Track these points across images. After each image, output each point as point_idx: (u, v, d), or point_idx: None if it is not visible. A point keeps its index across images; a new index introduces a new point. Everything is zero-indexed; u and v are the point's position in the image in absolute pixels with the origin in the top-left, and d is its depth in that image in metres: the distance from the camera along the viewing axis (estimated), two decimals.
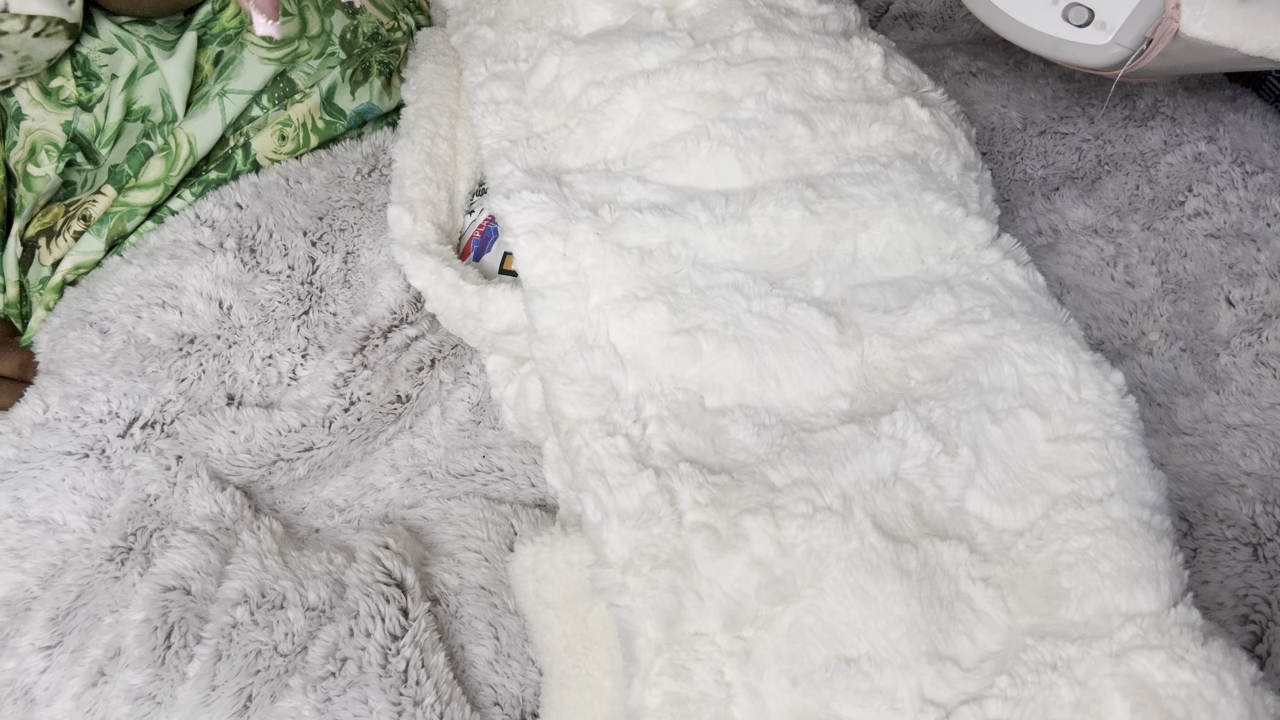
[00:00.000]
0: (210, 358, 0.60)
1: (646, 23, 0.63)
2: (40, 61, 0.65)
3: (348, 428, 0.59)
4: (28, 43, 0.62)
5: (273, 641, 0.50)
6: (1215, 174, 0.72)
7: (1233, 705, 0.38)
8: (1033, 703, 0.40)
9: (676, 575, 0.44)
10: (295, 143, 0.71)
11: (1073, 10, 0.60)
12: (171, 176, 0.66)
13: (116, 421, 0.58)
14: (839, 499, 0.45)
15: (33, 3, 0.60)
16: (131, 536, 0.55)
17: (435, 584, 0.54)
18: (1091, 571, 0.42)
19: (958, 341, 0.50)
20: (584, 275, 0.53)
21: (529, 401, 0.58)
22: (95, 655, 0.51)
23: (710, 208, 0.54)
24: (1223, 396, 0.60)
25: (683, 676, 0.42)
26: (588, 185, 0.56)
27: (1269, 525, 0.54)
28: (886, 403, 0.49)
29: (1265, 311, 0.64)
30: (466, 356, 0.63)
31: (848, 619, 0.42)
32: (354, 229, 0.67)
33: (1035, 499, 0.46)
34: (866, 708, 0.41)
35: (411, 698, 0.48)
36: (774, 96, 0.58)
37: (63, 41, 0.64)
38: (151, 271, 0.63)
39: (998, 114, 0.79)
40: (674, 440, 0.48)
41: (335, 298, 0.64)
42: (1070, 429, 0.47)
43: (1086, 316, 0.66)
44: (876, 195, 0.55)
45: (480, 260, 0.63)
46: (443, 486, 0.60)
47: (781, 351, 0.50)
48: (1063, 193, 0.73)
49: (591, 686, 0.49)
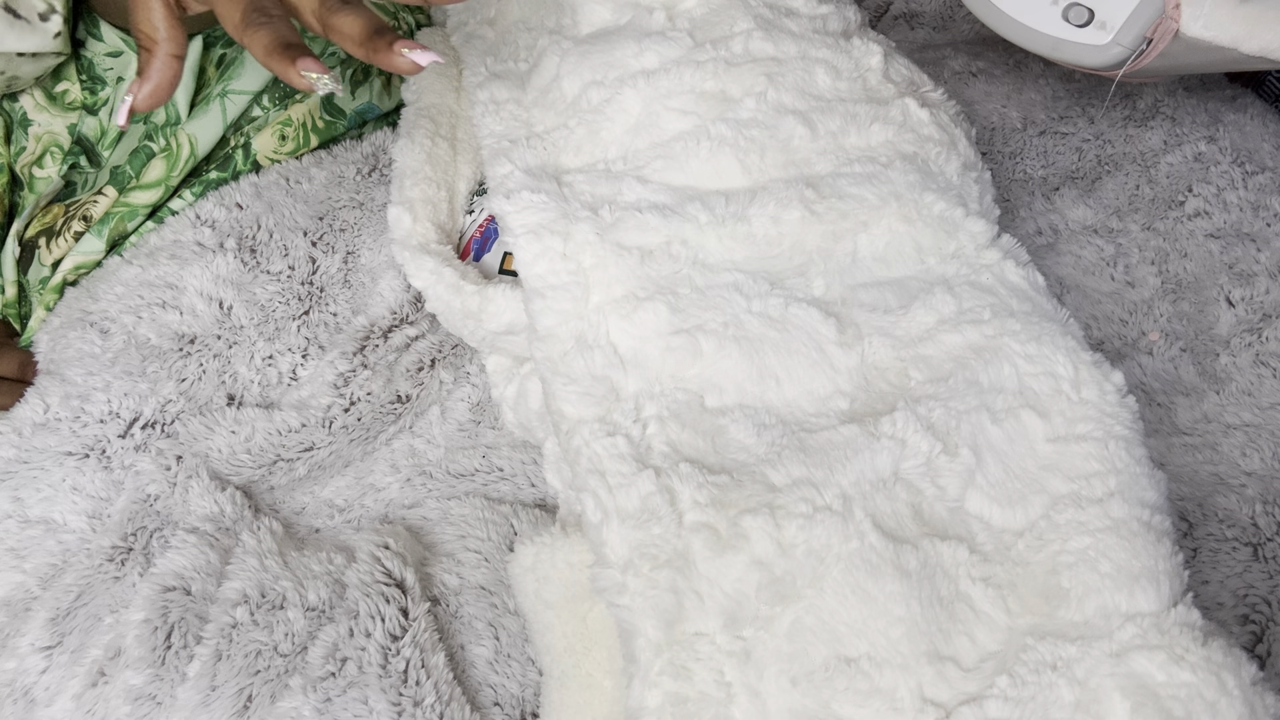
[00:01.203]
0: (210, 358, 0.60)
1: (646, 23, 0.63)
2: (28, 79, 0.64)
3: (348, 428, 0.59)
4: (13, 63, 0.61)
5: (273, 641, 0.50)
6: (1215, 174, 0.72)
7: (1233, 705, 0.38)
8: (1033, 703, 0.40)
9: (676, 575, 0.44)
10: (295, 143, 0.71)
11: (1073, 10, 0.60)
12: (173, 177, 0.66)
13: (117, 421, 0.58)
14: (839, 499, 0.45)
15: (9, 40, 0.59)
16: (131, 537, 0.55)
17: (435, 584, 0.54)
18: (1091, 571, 0.42)
19: (958, 341, 0.50)
20: (584, 275, 0.53)
21: (529, 401, 0.58)
22: (95, 655, 0.51)
23: (710, 208, 0.54)
24: (1223, 396, 0.60)
25: (683, 676, 0.42)
26: (588, 185, 0.56)
27: (1269, 525, 0.54)
28: (886, 403, 0.49)
29: (1265, 311, 0.64)
30: (466, 356, 0.63)
31: (848, 619, 0.42)
32: (354, 229, 0.67)
33: (1035, 499, 0.46)
34: (866, 708, 0.41)
35: (411, 698, 0.48)
36: (774, 96, 0.58)
37: (51, 60, 0.64)
38: (152, 271, 0.63)
39: (998, 114, 0.79)
40: (674, 440, 0.48)
41: (335, 298, 0.64)
42: (1070, 429, 0.47)
43: (1086, 316, 0.66)
44: (876, 195, 0.55)
45: (480, 260, 0.63)
46: (443, 486, 0.60)
47: (781, 351, 0.50)
48: (1063, 193, 0.73)
49: (591, 686, 0.49)
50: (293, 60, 0.45)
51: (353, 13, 0.47)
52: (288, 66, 0.45)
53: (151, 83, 0.47)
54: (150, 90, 0.47)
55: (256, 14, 0.46)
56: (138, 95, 0.47)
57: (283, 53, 0.45)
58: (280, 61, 0.45)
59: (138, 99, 0.48)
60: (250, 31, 0.46)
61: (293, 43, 0.46)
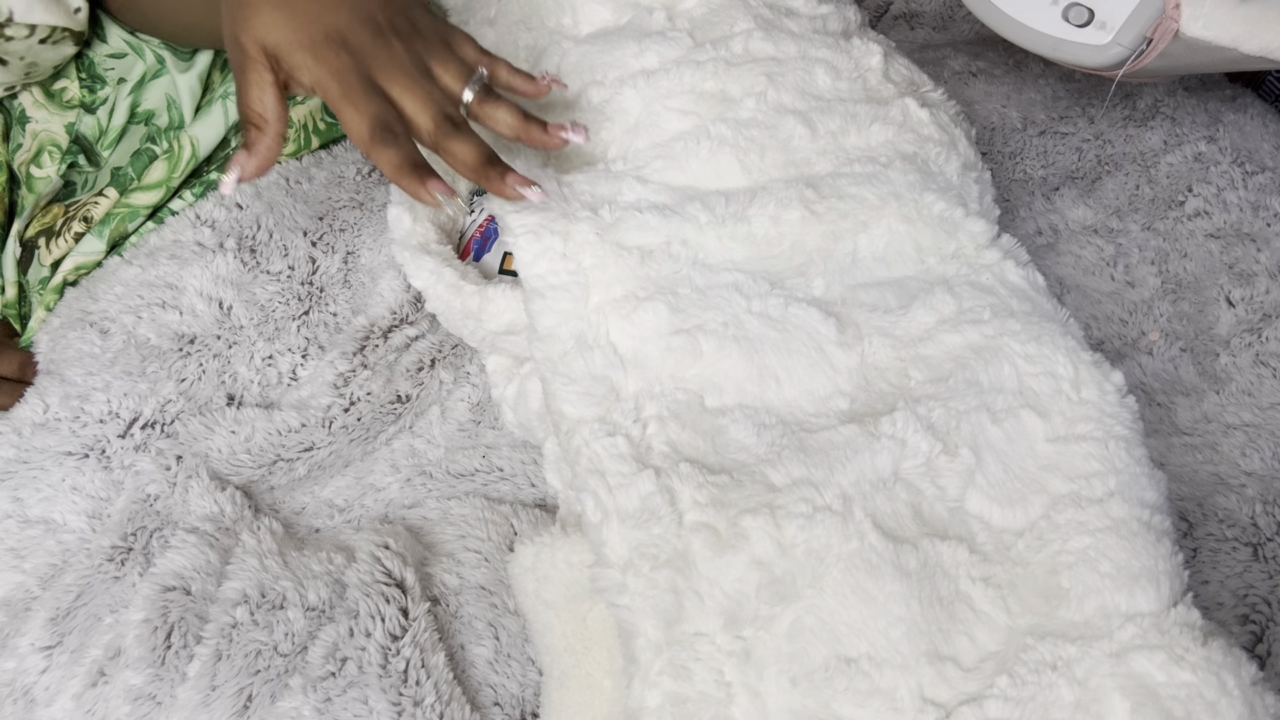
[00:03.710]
0: (210, 358, 0.60)
1: (646, 23, 0.63)
2: (47, 68, 0.65)
3: (348, 428, 0.59)
4: (34, 49, 0.62)
5: (273, 641, 0.50)
6: (1215, 174, 0.72)
7: (1233, 705, 0.38)
8: (1033, 703, 0.40)
9: (676, 575, 0.44)
10: (296, 144, 0.71)
11: (1073, 10, 0.60)
12: (174, 178, 0.66)
13: (116, 421, 0.58)
14: (839, 499, 0.45)
15: (37, 12, 0.60)
16: (131, 536, 0.55)
17: (435, 584, 0.54)
18: (1091, 571, 0.42)
19: (958, 341, 0.50)
20: (584, 275, 0.53)
21: (529, 401, 0.58)
22: (95, 655, 0.51)
23: (710, 208, 0.54)
24: (1223, 396, 0.60)
25: (683, 676, 0.42)
26: (588, 185, 0.56)
27: (1269, 525, 0.54)
28: (886, 403, 0.49)
29: (1265, 311, 0.64)
30: (466, 356, 0.63)
31: (848, 619, 0.42)
32: (354, 229, 0.67)
33: (1035, 499, 0.46)
34: (866, 708, 0.41)
35: (411, 698, 0.48)
36: (774, 96, 0.58)
37: (69, 48, 0.64)
38: (152, 272, 0.63)
39: (998, 114, 0.79)
40: (674, 440, 0.48)
41: (335, 298, 0.64)
42: (1070, 429, 0.47)
43: (1086, 316, 0.66)
44: (876, 195, 0.55)
45: (480, 260, 0.63)
46: (443, 486, 0.60)
47: (781, 351, 0.50)
48: (1063, 193, 0.73)
49: (591, 686, 0.49)
50: (422, 181, 0.47)
51: (467, 141, 0.49)
52: (418, 186, 0.47)
53: (259, 159, 0.49)
54: (258, 165, 0.49)
55: (385, 132, 0.48)
56: (245, 169, 0.49)
57: (412, 172, 0.47)
58: (410, 181, 0.47)
59: (245, 172, 0.49)
60: (379, 149, 0.47)
61: (420, 163, 0.48)
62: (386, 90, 0.49)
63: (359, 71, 0.48)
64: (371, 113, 0.48)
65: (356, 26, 0.49)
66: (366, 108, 0.48)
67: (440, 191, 0.47)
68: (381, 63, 0.49)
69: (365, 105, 0.48)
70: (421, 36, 0.51)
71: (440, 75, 0.51)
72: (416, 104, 0.49)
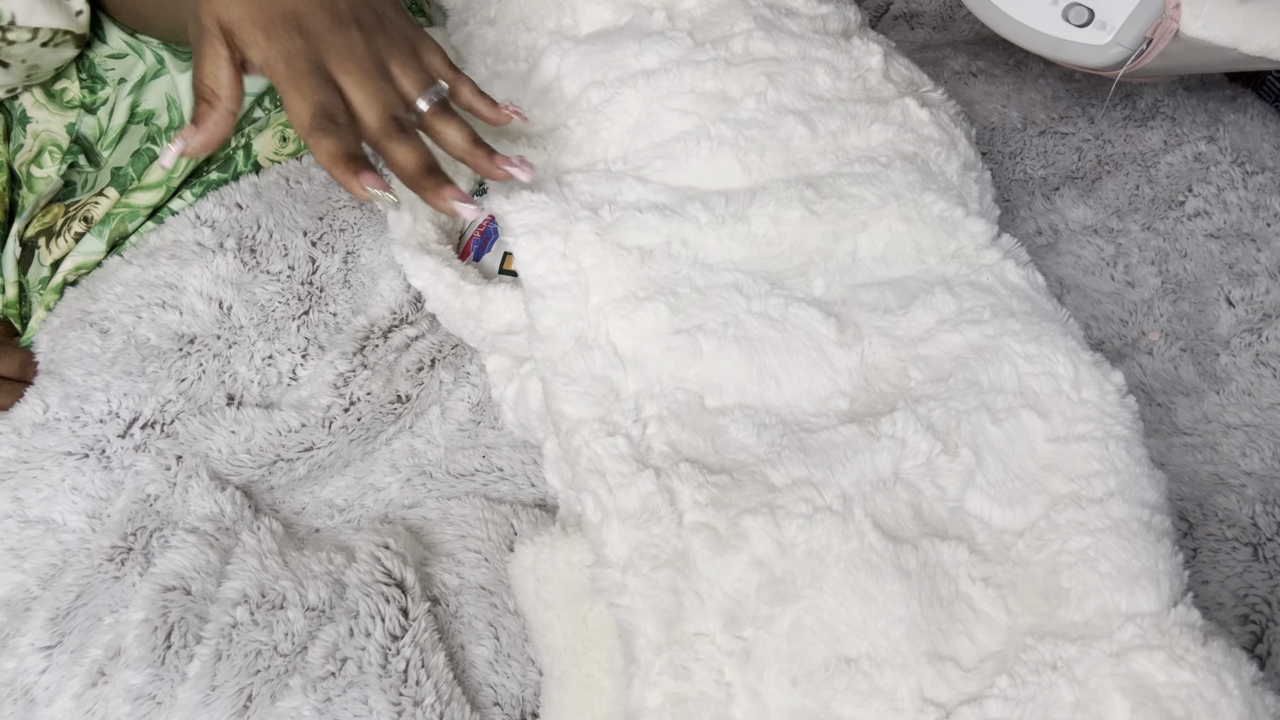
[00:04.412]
0: (210, 358, 0.60)
1: (646, 23, 0.63)
2: (48, 70, 0.65)
3: (348, 428, 0.59)
4: (35, 52, 0.62)
5: (273, 641, 0.50)
6: (1215, 174, 0.72)
7: (1233, 705, 0.38)
8: (1033, 703, 0.40)
9: (676, 575, 0.44)
10: (296, 144, 0.71)
11: (1073, 10, 0.60)
12: (173, 178, 0.66)
13: (116, 421, 0.58)
14: (839, 499, 0.45)
15: (39, 15, 0.60)
16: (131, 536, 0.55)
17: (435, 584, 0.54)
18: (1091, 571, 0.42)
19: (958, 341, 0.50)
20: (584, 275, 0.53)
21: (529, 401, 0.58)
22: (95, 655, 0.51)
23: (710, 208, 0.54)
24: (1223, 396, 0.60)
25: (683, 676, 0.42)
26: (588, 185, 0.56)
27: (1269, 525, 0.54)
28: (886, 403, 0.49)
29: (1265, 311, 0.64)
30: (466, 356, 0.63)
31: (848, 619, 0.42)
32: (354, 229, 0.67)
33: (1035, 499, 0.46)
34: (866, 708, 0.41)
35: (411, 698, 0.48)
36: (774, 96, 0.58)
37: (70, 50, 0.64)
38: (151, 272, 0.63)
39: (998, 114, 0.79)
40: (674, 440, 0.48)
41: (335, 298, 0.64)
42: (1070, 429, 0.47)
43: (1086, 316, 0.66)
44: (876, 195, 0.55)
45: (480, 260, 0.63)
46: (443, 486, 0.60)
47: (781, 351, 0.50)
48: (1063, 193, 0.73)
49: (591, 686, 0.49)
50: (356, 172, 0.46)
51: (409, 145, 0.48)
52: (350, 177, 0.46)
53: (205, 135, 0.48)
54: (203, 141, 0.48)
55: (325, 119, 0.47)
56: (190, 142, 0.48)
57: (347, 163, 0.46)
58: (343, 171, 0.46)
59: (189, 146, 0.48)
60: (316, 135, 0.46)
61: (357, 155, 0.47)
62: (337, 79, 0.48)
63: (310, 57, 0.47)
64: (316, 100, 0.47)
65: (316, 11, 0.48)
66: (311, 94, 0.47)
67: (373, 185, 0.46)
68: (337, 51, 0.48)
69: (310, 92, 0.47)
70: (386, 34, 0.50)
71: (398, 77, 0.50)
72: (366, 98, 0.48)
